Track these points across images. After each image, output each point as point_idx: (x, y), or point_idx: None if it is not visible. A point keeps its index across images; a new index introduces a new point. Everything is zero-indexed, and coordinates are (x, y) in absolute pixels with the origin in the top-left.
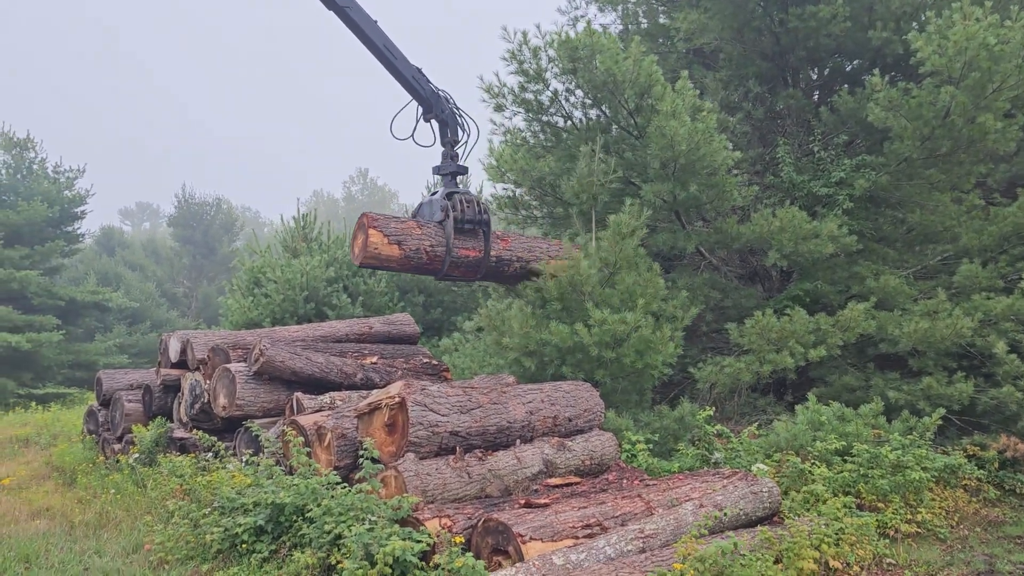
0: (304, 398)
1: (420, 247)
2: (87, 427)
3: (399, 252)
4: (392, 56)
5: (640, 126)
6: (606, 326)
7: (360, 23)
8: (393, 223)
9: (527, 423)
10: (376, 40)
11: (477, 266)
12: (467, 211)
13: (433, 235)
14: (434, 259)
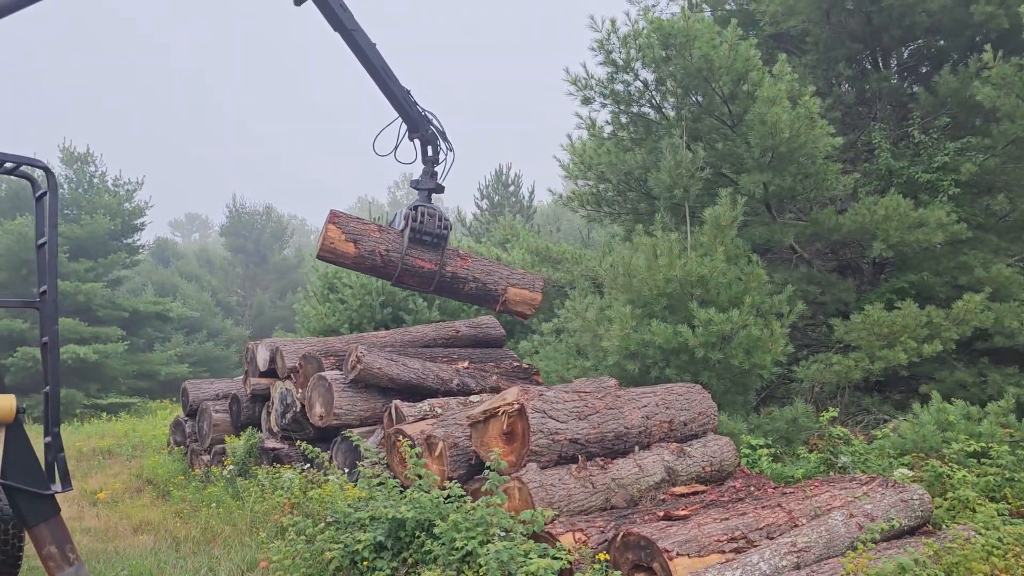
0: (403, 406)
1: (375, 249)
2: (174, 438)
3: (354, 250)
4: (388, 77)
5: (735, 114)
6: (712, 325)
7: (363, 45)
8: (354, 223)
9: (644, 428)
10: (375, 62)
11: (431, 278)
12: (427, 223)
13: (391, 241)
14: (387, 263)
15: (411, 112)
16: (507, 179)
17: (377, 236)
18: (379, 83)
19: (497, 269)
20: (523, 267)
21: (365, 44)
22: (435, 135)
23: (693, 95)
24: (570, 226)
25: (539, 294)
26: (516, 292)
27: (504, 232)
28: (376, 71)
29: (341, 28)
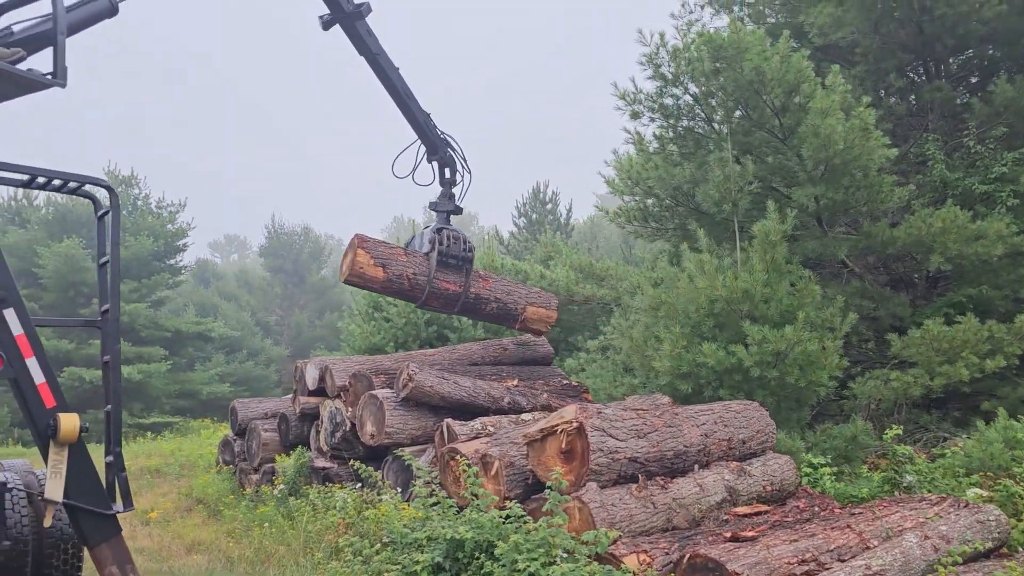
0: (455, 424)
1: (403, 273)
2: (222, 457)
3: (383, 274)
4: (409, 100)
5: (786, 127)
6: (766, 344)
7: (386, 69)
8: (382, 247)
9: (703, 447)
10: (398, 85)
11: (455, 300)
12: (452, 247)
13: (418, 264)
14: (415, 286)
15: (431, 135)
16: (544, 196)
17: (404, 260)
18: (401, 106)
19: (516, 289)
20: (567, 284)
21: (389, 68)
22: (452, 157)
23: (743, 108)
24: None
25: (555, 312)
26: (534, 310)
27: (546, 250)
28: (398, 94)
29: (367, 52)
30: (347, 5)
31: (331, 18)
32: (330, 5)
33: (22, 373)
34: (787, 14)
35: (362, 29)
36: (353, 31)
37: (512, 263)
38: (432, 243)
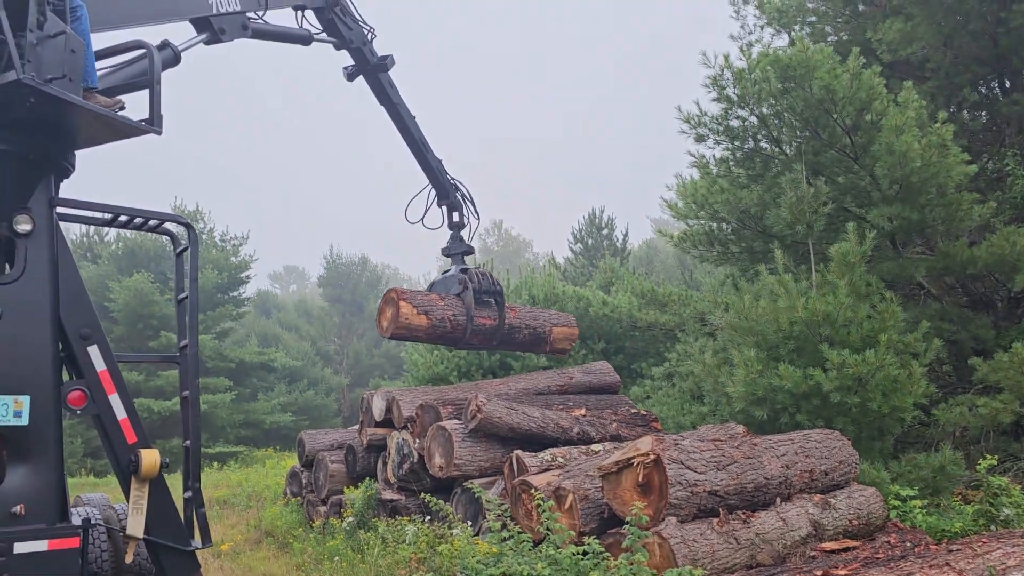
0: (525, 456)
1: (444, 316)
2: (290, 488)
3: (427, 321)
4: (424, 147)
5: (858, 145)
6: (846, 368)
7: (405, 118)
8: (419, 296)
9: (784, 479)
10: (415, 133)
11: (493, 334)
12: (483, 282)
13: (454, 306)
14: (456, 327)
15: (442, 180)
16: (600, 222)
17: (442, 304)
18: (415, 152)
19: (540, 313)
20: (629, 310)
21: (407, 117)
22: (461, 202)
23: (812, 128)
24: (664, 266)
25: (576, 329)
26: (559, 330)
27: (605, 275)
28: (414, 141)
29: (387, 102)
30: (372, 58)
31: (355, 70)
32: (355, 58)
33: (105, 409)
34: (851, 31)
35: (384, 81)
36: (376, 83)
37: (574, 290)
38: (463, 283)
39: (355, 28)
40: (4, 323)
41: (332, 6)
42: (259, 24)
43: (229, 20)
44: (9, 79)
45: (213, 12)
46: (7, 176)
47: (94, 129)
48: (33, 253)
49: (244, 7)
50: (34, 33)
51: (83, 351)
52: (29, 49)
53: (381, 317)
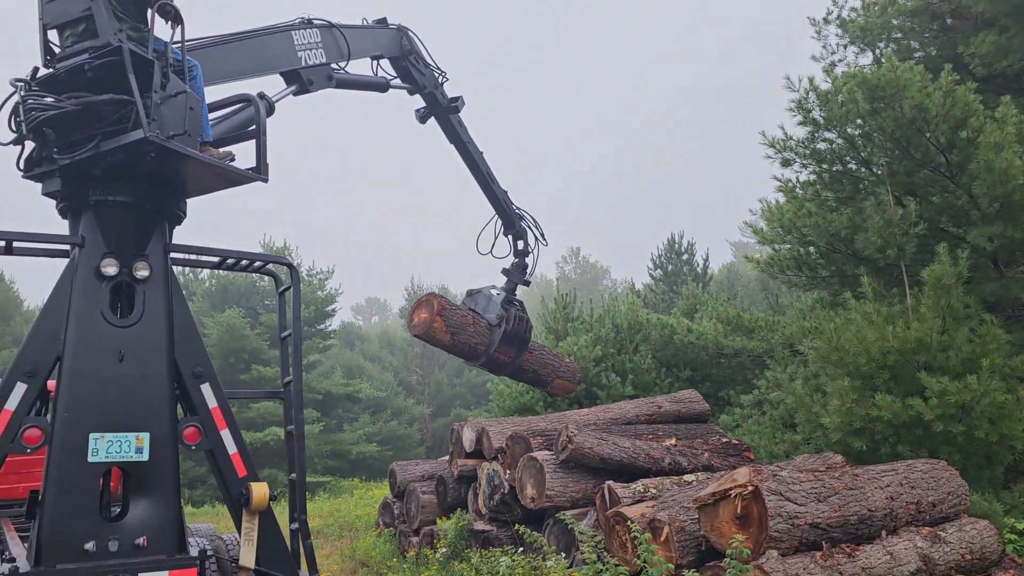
0: (617, 487)
1: (467, 342)
2: (382, 519)
3: (449, 340)
4: (491, 180)
5: (954, 164)
6: (947, 396)
7: (474, 155)
8: (456, 315)
9: (888, 511)
10: (482, 167)
11: (503, 367)
12: (516, 327)
13: (480, 334)
14: (472, 352)
15: (508, 211)
16: (680, 247)
17: (472, 331)
18: (483, 185)
19: (550, 362)
20: (714, 337)
21: (476, 154)
22: (526, 231)
23: (903, 148)
24: (746, 291)
25: (575, 386)
26: (560, 383)
27: (689, 302)
28: (482, 175)
29: (457, 141)
30: (443, 100)
31: (427, 112)
32: (428, 102)
33: (217, 444)
34: (940, 46)
35: (455, 121)
36: (447, 123)
37: (657, 318)
38: (500, 320)
39: (427, 73)
40: (126, 364)
41: (406, 55)
42: (342, 74)
43: (316, 72)
44: (137, 137)
45: (302, 65)
46: (128, 226)
47: (207, 179)
48: (151, 297)
49: (329, 59)
50: (158, 94)
51: (196, 389)
52: (154, 109)
53: (415, 314)
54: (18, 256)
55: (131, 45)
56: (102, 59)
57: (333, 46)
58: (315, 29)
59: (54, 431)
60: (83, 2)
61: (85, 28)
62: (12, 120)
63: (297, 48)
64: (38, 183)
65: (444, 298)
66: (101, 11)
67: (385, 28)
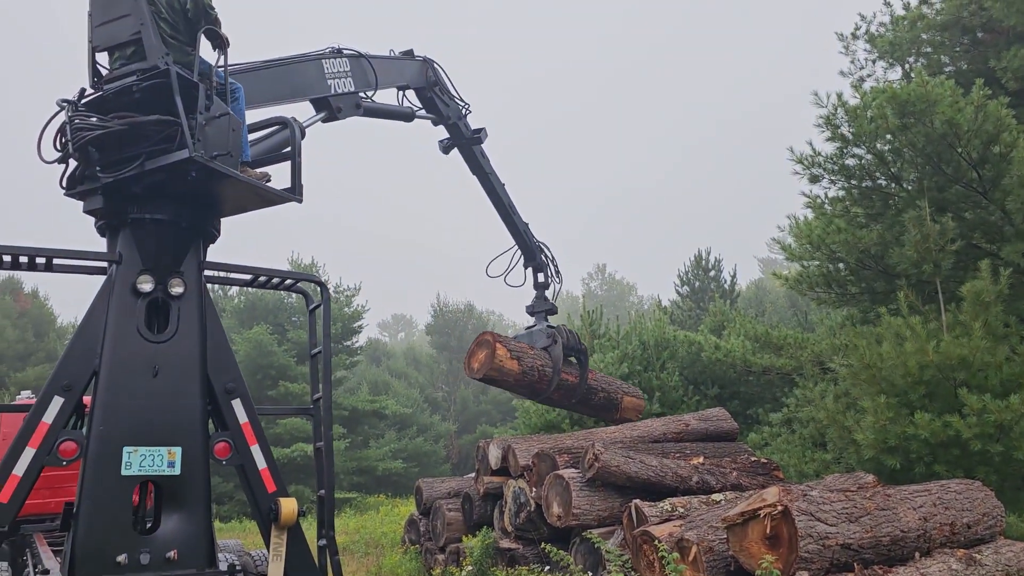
0: (644, 506)
1: (534, 365)
2: (408, 536)
3: (518, 367)
4: (512, 212)
5: (986, 179)
6: (986, 415)
7: (495, 186)
8: (512, 342)
9: (922, 532)
10: (504, 199)
11: (573, 391)
12: (571, 340)
13: (542, 357)
14: (543, 378)
15: (529, 243)
16: (707, 264)
17: (532, 353)
18: (504, 216)
19: (612, 381)
20: (743, 354)
21: (497, 185)
22: (545, 263)
23: (935, 163)
24: (774, 308)
25: (643, 402)
26: (629, 400)
27: (716, 318)
28: (503, 206)
29: (479, 172)
30: (466, 131)
31: (451, 143)
32: (451, 132)
33: (247, 459)
34: (971, 60)
35: (478, 152)
36: (470, 154)
37: (684, 335)
38: (552, 337)
39: (451, 105)
40: (159, 379)
41: (431, 86)
42: (369, 103)
43: (345, 100)
44: (182, 156)
45: (331, 92)
46: (164, 243)
47: (244, 199)
48: (185, 313)
49: (357, 88)
50: (203, 115)
51: (228, 404)
52: (199, 129)
53: (472, 359)
54: (58, 272)
55: (178, 68)
56: (149, 81)
57: (361, 75)
58: (344, 59)
59: (89, 444)
60: (133, 26)
61: (134, 51)
62: (58, 139)
63: (327, 76)
64: (80, 201)
65: (495, 332)
66: (150, 35)
67: (411, 60)
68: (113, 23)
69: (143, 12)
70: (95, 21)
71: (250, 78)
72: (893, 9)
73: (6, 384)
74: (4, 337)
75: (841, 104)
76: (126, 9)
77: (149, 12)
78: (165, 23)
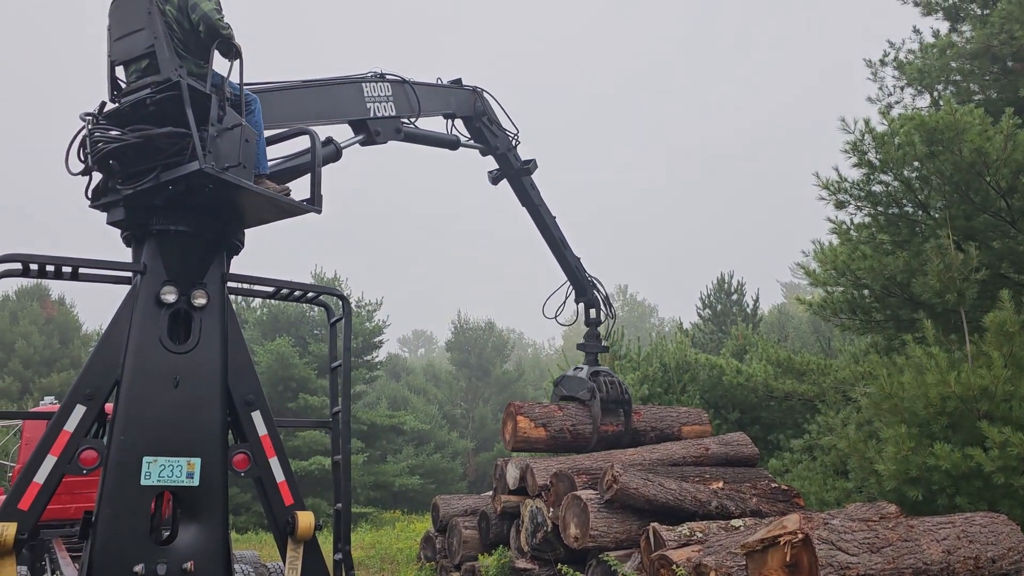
0: (662, 529)
1: (563, 427)
2: (424, 553)
3: (545, 434)
4: (564, 246)
5: (1015, 209)
6: (1009, 447)
7: (546, 219)
8: (537, 409)
9: (945, 565)
10: (555, 233)
11: (619, 439)
12: (611, 391)
13: (573, 415)
14: (576, 436)
15: (580, 278)
16: (730, 287)
17: (560, 415)
18: (555, 251)
19: (666, 414)
20: (764, 379)
21: (548, 217)
22: (598, 299)
23: (962, 192)
24: (797, 333)
25: (709, 425)
26: (690, 429)
27: (738, 342)
28: (554, 240)
29: (529, 203)
30: (516, 163)
31: (500, 174)
32: (500, 163)
33: (265, 472)
34: (1000, 89)
35: (527, 184)
36: (519, 185)
37: (706, 358)
38: (591, 391)
39: (500, 135)
40: (180, 389)
41: (479, 115)
42: (411, 128)
43: (384, 124)
44: (193, 168)
45: (371, 116)
46: (188, 254)
47: (263, 210)
48: (207, 325)
49: (399, 113)
50: (215, 127)
51: (247, 416)
52: (210, 141)
53: (504, 430)
54: (83, 281)
55: (191, 80)
56: (163, 93)
57: (404, 101)
58: (387, 83)
59: (109, 453)
60: (147, 39)
61: (148, 64)
62: (81, 152)
63: (367, 100)
64: (103, 213)
65: (519, 402)
66: (163, 48)
67: (459, 88)
68: (129, 37)
69: (157, 26)
70: (113, 35)
71: (288, 97)
72: (923, 36)
73: (30, 389)
74: (31, 343)
75: (869, 130)
76: (141, 23)
77: (163, 26)
78: (178, 37)
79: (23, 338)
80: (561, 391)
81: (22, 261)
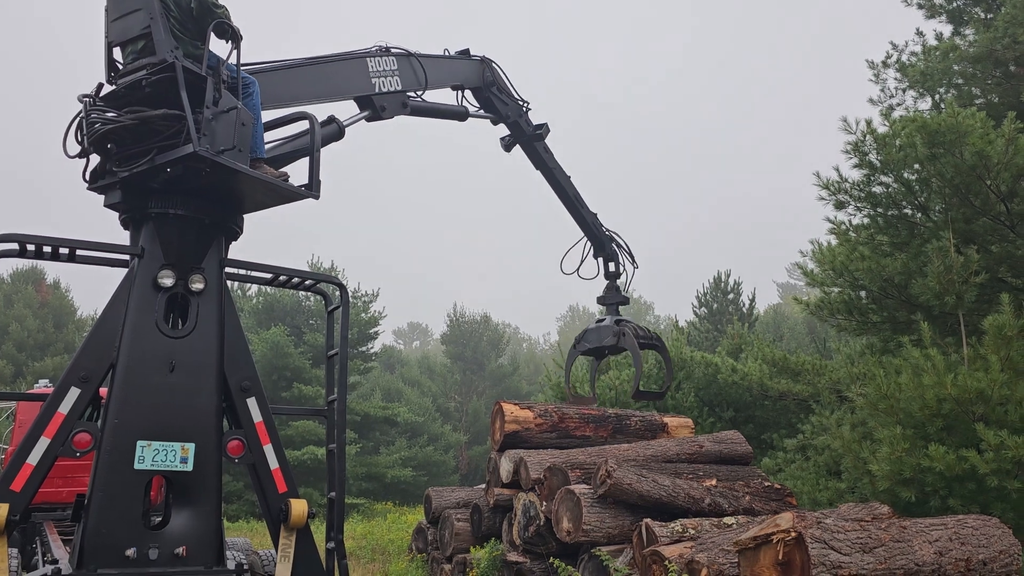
0: (655, 525)
1: (547, 409)
2: (416, 544)
3: (532, 414)
4: (579, 204)
5: (1015, 213)
6: (1004, 451)
7: (560, 180)
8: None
9: (937, 567)
10: (569, 192)
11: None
12: (639, 331)
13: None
14: (563, 417)
15: (597, 233)
16: (726, 286)
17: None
18: (571, 210)
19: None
20: (760, 378)
21: (563, 178)
22: (616, 252)
23: (962, 195)
24: (792, 333)
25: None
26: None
27: (734, 341)
28: (569, 199)
29: (543, 167)
30: (527, 128)
31: (512, 140)
32: (512, 130)
33: (260, 459)
34: (1003, 93)
35: (540, 148)
36: (532, 151)
37: (702, 356)
38: (616, 335)
39: (511, 103)
40: (176, 374)
41: (489, 86)
42: (418, 102)
43: (390, 98)
44: (187, 152)
45: (375, 91)
46: (186, 238)
47: (260, 195)
48: (204, 310)
49: (405, 87)
50: (210, 109)
51: (243, 403)
52: (205, 124)
53: (493, 430)
54: (80, 264)
55: (187, 62)
56: (158, 75)
57: (410, 74)
58: (392, 57)
59: (103, 437)
60: (143, 20)
61: (144, 45)
62: (78, 134)
63: (372, 75)
64: (101, 195)
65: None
66: (159, 29)
67: (467, 59)
68: (126, 18)
69: (153, 6)
70: (110, 16)
71: (290, 76)
72: (926, 39)
73: (24, 373)
74: (25, 326)
75: (870, 131)
76: (137, 3)
77: (159, 6)
78: (174, 16)
79: (17, 321)
80: (584, 346)
81: (19, 241)
